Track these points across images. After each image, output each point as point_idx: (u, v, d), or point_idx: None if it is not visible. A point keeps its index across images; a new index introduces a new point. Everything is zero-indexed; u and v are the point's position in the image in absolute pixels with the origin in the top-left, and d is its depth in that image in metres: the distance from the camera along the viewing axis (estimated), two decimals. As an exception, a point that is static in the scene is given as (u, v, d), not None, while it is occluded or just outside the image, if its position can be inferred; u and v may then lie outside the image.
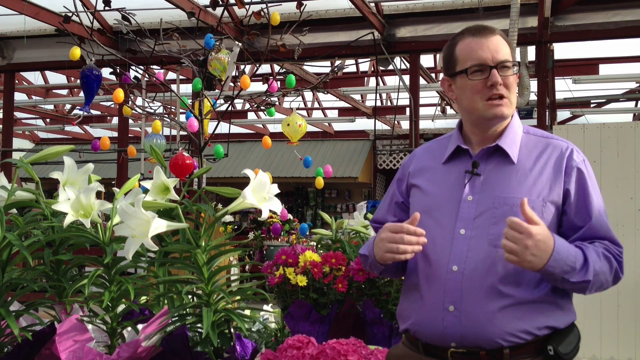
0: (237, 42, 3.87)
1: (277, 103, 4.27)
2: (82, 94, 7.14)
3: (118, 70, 3.99)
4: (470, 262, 1.71)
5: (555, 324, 1.71)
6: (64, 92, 12.71)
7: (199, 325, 2.18)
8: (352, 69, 11.02)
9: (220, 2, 3.76)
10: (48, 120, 14.88)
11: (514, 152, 1.79)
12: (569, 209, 1.75)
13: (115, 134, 9.16)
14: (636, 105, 11.75)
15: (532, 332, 1.68)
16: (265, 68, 9.28)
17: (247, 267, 9.58)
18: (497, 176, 1.77)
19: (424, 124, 8.30)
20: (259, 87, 6.90)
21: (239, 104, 11.15)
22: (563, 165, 1.77)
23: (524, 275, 1.69)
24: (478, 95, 1.77)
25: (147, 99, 6.71)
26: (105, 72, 4.57)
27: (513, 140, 1.81)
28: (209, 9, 4.67)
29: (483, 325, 1.67)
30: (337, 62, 7.76)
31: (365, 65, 10.84)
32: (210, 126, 4.11)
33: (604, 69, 9.66)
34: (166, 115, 4.31)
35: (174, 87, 7.24)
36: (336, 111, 13.98)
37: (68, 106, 13.96)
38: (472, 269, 1.70)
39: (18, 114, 13.53)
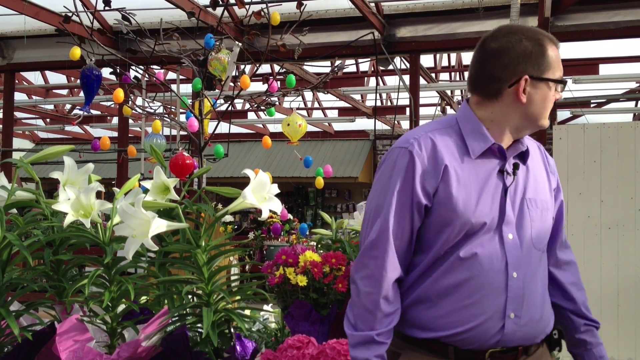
0: (237, 42, 3.87)
1: (277, 103, 4.26)
2: (82, 94, 7.13)
3: (118, 70, 3.99)
4: (526, 268, 1.71)
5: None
6: (64, 92, 12.71)
7: (199, 325, 2.18)
8: (352, 69, 11.01)
9: (220, 2, 3.76)
10: (48, 120, 14.88)
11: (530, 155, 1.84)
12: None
13: (115, 134, 9.15)
14: (636, 105, 11.75)
15: (553, 322, 1.82)
16: (265, 68, 9.28)
17: (247, 267, 9.58)
18: (524, 178, 1.78)
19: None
20: (259, 87, 6.90)
21: (239, 104, 11.15)
22: (547, 163, 1.87)
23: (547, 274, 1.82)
24: (549, 107, 1.76)
25: (147, 99, 6.70)
26: (105, 72, 4.56)
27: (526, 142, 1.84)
28: (209, 9, 4.67)
29: (535, 328, 1.73)
30: (337, 62, 7.76)
31: (365, 65, 10.83)
32: (210, 126, 4.11)
33: (604, 69, 9.66)
34: (166, 115, 4.31)
35: (174, 87, 7.24)
36: (336, 111, 13.97)
37: (68, 106, 13.96)
38: (530, 275, 1.72)
39: (18, 114, 13.52)
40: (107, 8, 3.60)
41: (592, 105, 11.53)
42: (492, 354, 1.69)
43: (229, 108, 3.83)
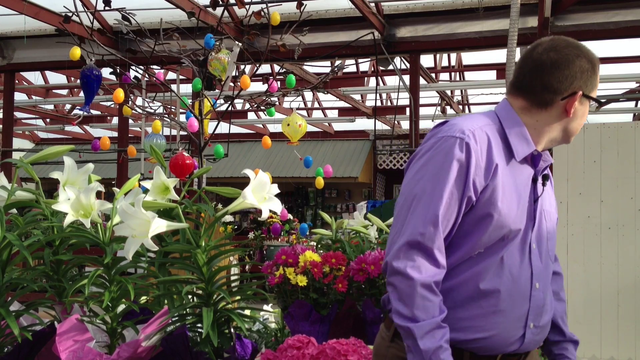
0: (237, 42, 3.87)
1: (277, 103, 4.27)
2: (82, 94, 7.13)
3: (118, 70, 3.99)
4: (545, 279, 1.75)
5: None
6: (64, 92, 12.71)
7: (199, 325, 2.18)
8: (352, 69, 11.02)
9: (220, 2, 3.76)
10: (48, 120, 14.88)
11: None
12: None
13: (115, 134, 9.16)
14: (636, 105, 11.75)
15: None
16: (265, 68, 9.28)
17: (247, 267, 9.59)
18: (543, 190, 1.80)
19: (424, 124, 8.27)
20: (259, 87, 6.91)
21: (239, 104, 11.15)
22: (551, 179, 1.88)
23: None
24: (582, 122, 1.78)
25: (147, 99, 6.71)
26: (105, 72, 4.57)
27: None
28: (209, 9, 4.67)
29: (543, 335, 1.78)
30: (337, 62, 7.77)
31: (365, 65, 10.83)
32: (210, 126, 4.11)
33: (604, 69, 9.65)
34: (166, 115, 4.31)
35: (174, 87, 7.24)
36: (336, 111, 13.97)
37: (68, 106, 13.96)
38: (547, 286, 1.76)
39: (18, 114, 13.53)
40: (107, 8, 3.60)
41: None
42: (503, 357, 1.72)
43: (229, 108, 3.83)
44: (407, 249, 1.61)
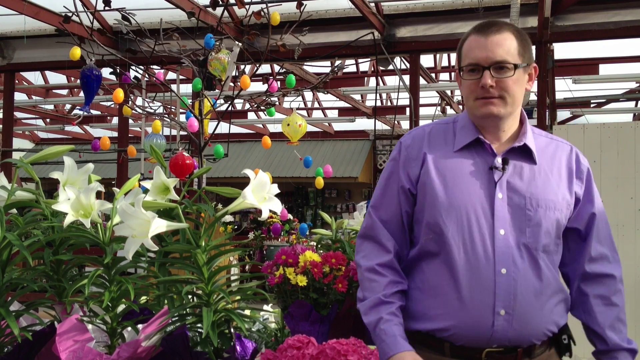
0: (237, 42, 3.87)
1: (277, 103, 4.26)
2: (82, 94, 7.13)
3: (118, 70, 3.99)
4: (518, 266, 1.69)
5: (566, 317, 1.79)
6: (64, 92, 12.71)
7: (199, 325, 2.18)
8: (352, 69, 11.01)
9: (220, 2, 3.76)
10: (48, 120, 14.88)
11: (537, 153, 1.79)
12: (577, 212, 1.81)
13: (115, 134, 9.15)
14: (636, 105, 11.75)
15: (558, 326, 1.76)
16: (265, 68, 9.28)
17: (247, 267, 9.58)
18: (524, 176, 1.76)
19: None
20: (259, 87, 6.90)
21: (239, 104, 11.15)
22: (574, 168, 1.81)
23: (555, 274, 1.75)
24: (472, 95, 1.77)
25: (147, 99, 6.71)
26: (105, 72, 4.57)
27: (532, 140, 1.81)
28: (209, 9, 4.67)
29: (531, 327, 1.69)
30: (337, 62, 7.76)
31: (365, 65, 10.83)
32: (210, 126, 4.11)
33: (604, 69, 9.65)
34: (166, 115, 4.31)
35: (174, 87, 7.24)
36: (336, 111, 13.97)
37: (68, 106, 13.96)
38: (523, 273, 1.69)
39: (18, 114, 13.52)
40: (107, 8, 3.60)
41: (592, 105, 11.53)
42: (489, 353, 1.68)
43: (229, 108, 3.83)
44: (360, 242, 1.86)
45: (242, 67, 3.98)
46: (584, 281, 1.81)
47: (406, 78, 7.75)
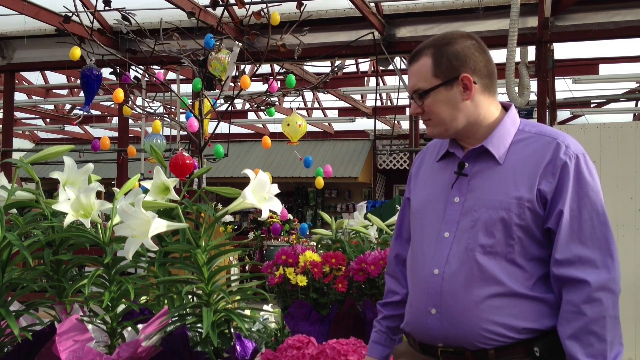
0: (237, 42, 3.87)
1: (277, 103, 4.26)
2: (82, 94, 7.13)
3: (118, 70, 3.99)
4: (450, 266, 1.70)
5: (527, 323, 1.65)
6: (64, 92, 12.70)
7: (199, 325, 2.18)
8: (352, 69, 11.00)
9: (220, 2, 3.76)
10: (48, 120, 14.87)
11: (500, 153, 1.72)
12: (548, 210, 1.66)
13: (115, 134, 9.14)
14: (636, 105, 11.75)
15: (510, 329, 1.64)
16: (265, 68, 9.27)
17: (247, 267, 9.58)
18: (482, 178, 1.73)
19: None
20: (259, 87, 6.89)
21: (239, 104, 11.15)
22: (545, 163, 1.66)
23: (510, 276, 1.66)
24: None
25: (147, 99, 6.71)
26: (105, 72, 4.57)
27: (501, 140, 1.73)
28: (209, 9, 4.67)
29: (464, 326, 1.66)
30: (337, 62, 7.76)
31: (365, 65, 10.82)
32: (210, 126, 4.11)
33: (604, 69, 9.65)
34: (166, 115, 4.31)
35: (174, 87, 7.24)
36: (336, 111, 13.97)
37: (68, 106, 13.95)
38: (451, 273, 1.69)
39: (18, 114, 13.52)
40: (107, 8, 3.60)
41: (592, 105, 11.53)
42: (442, 352, 1.73)
43: (229, 108, 3.83)
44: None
45: (242, 67, 3.98)
46: (556, 284, 1.67)
47: (406, 78, 7.74)
